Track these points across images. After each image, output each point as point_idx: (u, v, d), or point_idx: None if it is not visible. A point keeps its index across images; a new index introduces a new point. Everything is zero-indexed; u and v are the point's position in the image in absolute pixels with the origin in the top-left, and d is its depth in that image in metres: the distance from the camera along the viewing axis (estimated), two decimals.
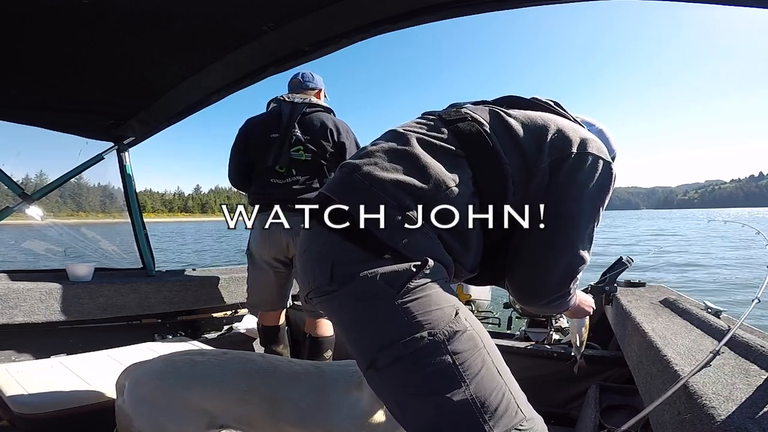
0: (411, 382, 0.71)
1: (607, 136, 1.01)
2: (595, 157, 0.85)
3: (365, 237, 0.73)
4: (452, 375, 0.69)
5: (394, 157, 0.81)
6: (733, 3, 0.92)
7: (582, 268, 0.87)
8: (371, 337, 0.74)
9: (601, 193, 0.86)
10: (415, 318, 0.70)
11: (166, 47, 1.58)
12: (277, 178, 1.94)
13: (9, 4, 1.20)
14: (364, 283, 0.72)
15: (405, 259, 0.72)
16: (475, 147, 0.82)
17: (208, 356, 1.04)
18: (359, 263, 0.72)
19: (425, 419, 0.71)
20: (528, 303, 0.93)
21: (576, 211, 0.83)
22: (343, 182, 0.81)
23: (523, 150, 0.83)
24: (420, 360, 0.69)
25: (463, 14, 1.28)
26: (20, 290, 1.97)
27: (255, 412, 0.99)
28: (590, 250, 0.88)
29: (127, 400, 0.98)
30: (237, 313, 2.72)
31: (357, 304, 0.73)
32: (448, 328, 0.71)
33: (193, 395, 0.97)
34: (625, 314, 1.43)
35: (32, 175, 2.61)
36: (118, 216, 2.64)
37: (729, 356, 0.89)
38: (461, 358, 0.70)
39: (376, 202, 0.74)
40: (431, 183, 0.77)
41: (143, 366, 1.03)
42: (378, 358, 0.72)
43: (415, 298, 0.71)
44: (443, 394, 0.69)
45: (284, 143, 1.92)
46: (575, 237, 0.84)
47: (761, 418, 0.60)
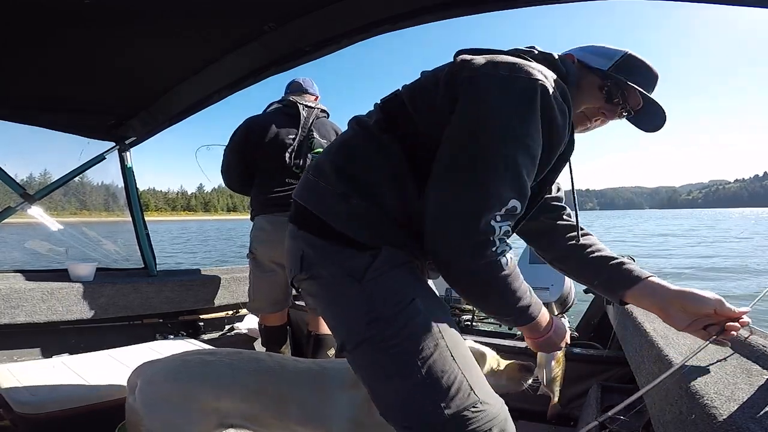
0: (372, 364, 0.78)
1: (600, 47, 0.95)
2: (501, 77, 0.74)
3: (322, 227, 0.80)
4: (405, 358, 0.74)
5: (338, 147, 0.89)
6: (733, 3, 0.92)
7: (492, 216, 0.71)
8: (338, 322, 0.82)
9: (511, 114, 0.73)
10: (372, 304, 0.76)
11: (167, 47, 1.58)
12: (293, 179, 1.94)
13: (10, 4, 1.21)
14: (327, 272, 0.80)
15: (362, 247, 0.78)
16: (394, 111, 0.85)
17: (219, 356, 1.05)
18: (322, 252, 0.80)
19: (386, 399, 0.77)
20: (441, 273, 0.79)
21: (470, 140, 0.73)
22: (301, 184, 0.90)
23: (424, 91, 0.83)
24: (377, 344, 0.75)
25: (464, 14, 1.28)
26: (22, 290, 1.98)
27: (263, 410, 1.00)
28: (517, 190, 0.73)
29: (139, 399, 0.99)
30: (238, 312, 2.73)
31: (324, 290, 0.82)
32: (403, 314, 0.75)
33: (204, 394, 0.98)
34: (626, 314, 1.43)
35: (36, 175, 2.62)
36: (121, 215, 2.65)
37: (730, 356, 0.89)
38: (414, 342, 0.74)
39: (326, 195, 0.82)
40: (358, 161, 0.83)
41: (155, 365, 1.04)
42: (346, 341, 0.80)
43: (373, 285, 0.76)
44: (397, 376, 0.74)
45: (303, 144, 1.93)
46: (471, 172, 0.72)
47: (763, 417, 0.60)
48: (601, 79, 0.92)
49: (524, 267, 2.02)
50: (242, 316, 2.72)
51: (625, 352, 1.38)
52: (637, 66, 0.93)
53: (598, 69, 0.92)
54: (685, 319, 0.88)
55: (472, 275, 0.75)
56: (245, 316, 2.71)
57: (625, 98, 0.92)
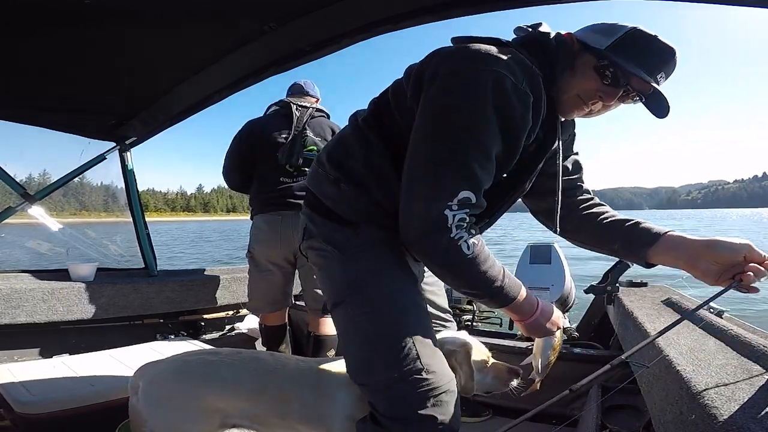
0: (343, 324, 0.93)
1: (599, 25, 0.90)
2: (454, 73, 0.78)
3: (319, 205, 0.95)
4: (366, 324, 0.88)
5: (335, 140, 1.00)
6: (733, 3, 0.92)
7: (445, 206, 0.76)
8: (325, 285, 0.96)
9: (458, 109, 0.77)
10: (349, 274, 0.89)
11: (168, 47, 1.59)
12: (287, 178, 1.96)
13: (10, 4, 1.21)
14: (319, 243, 0.94)
15: (347, 223, 0.91)
16: (381, 106, 0.93)
17: (221, 356, 1.05)
18: (317, 226, 0.94)
19: (349, 357, 0.93)
20: (408, 247, 0.87)
21: (423, 138, 0.80)
22: (309, 173, 1.04)
23: (400, 87, 0.89)
24: (347, 309, 0.89)
25: (464, 14, 1.27)
26: (22, 290, 1.98)
27: (266, 410, 1.00)
28: (467, 183, 0.77)
29: (142, 400, 0.99)
30: (238, 313, 2.73)
31: (319, 259, 0.96)
32: (371, 286, 0.88)
33: (207, 395, 0.98)
34: (627, 314, 1.43)
35: (35, 175, 2.62)
36: (121, 215, 2.65)
37: (731, 356, 0.89)
38: (375, 312, 0.87)
39: (324, 180, 0.95)
40: (346, 151, 0.93)
41: (157, 366, 1.04)
42: (328, 302, 0.95)
43: (352, 257, 0.89)
44: (358, 339, 0.89)
45: (296, 143, 1.95)
46: (424, 167, 0.79)
47: (763, 418, 0.60)
48: (597, 59, 0.87)
49: (524, 267, 2.02)
50: (243, 316, 2.72)
51: (626, 352, 1.38)
52: (642, 43, 0.85)
53: (595, 48, 0.87)
54: (716, 271, 0.84)
55: (432, 259, 0.83)
56: (246, 316, 2.71)
57: (625, 80, 0.86)
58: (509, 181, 0.92)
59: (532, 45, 0.90)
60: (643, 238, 0.96)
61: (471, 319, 2.35)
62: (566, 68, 0.89)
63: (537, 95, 0.81)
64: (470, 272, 0.81)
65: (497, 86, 0.75)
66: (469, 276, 0.82)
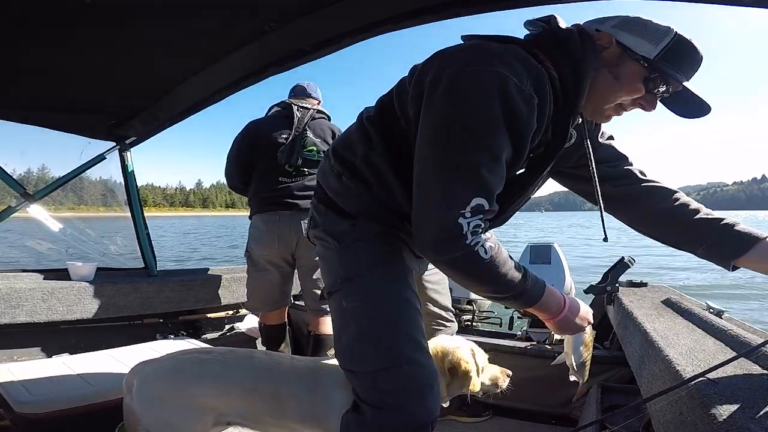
0: (337, 312, 0.96)
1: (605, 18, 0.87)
2: (456, 77, 0.75)
3: (323, 196, 0.99)
4: (355, 314, 0.92)
5: (341, 136, 1.03)
6: (733, 3, 0.92)
7: (458, 214, 0.74)
8: (324, 273, 1.00)
9: (462, 114, 0.75)
10: (345, 264, 0.93)
11: (168, 47, 1.58)
12: (286, 178, 1.98)
13: (11, 4, 1.21)
14: (321, 233, 0.98)
15: (346, 215, 0.94)
16: (385, 105, 0.94)
17: (214, 354, 1.05)
18: (321, 215, 0.99)
19: (338, 343, 0.95)
20: (424, 255, 0.84)
21: (430, 146, 0.78)
22: (319, 166, 1.08)
23: (403, 88, 0.89)
24: (341, 298, 0.93)
25: (465, 14, 1.27)
26: (22, 290, 1.98)
27: (260, 408, 1.00)
28: (479, 189, 0.75)
29: (135, 399, 0.99)
30: (238, 312, 2.73)
31: (320, 248, 1.00)
32: (363, 278, 0.92)
33: (200, 393, 0.98)
34: (626, 314, 1.43)
35: (34, 169, 2.61)
36: (120, 210, 2.65)
37: (731, 356, 0.89)
38: (365, 303, 0.91)
39: (329, 173, 0.99)
40: (348, 146, 0.96)
41: (151, 365, 1.04)
42: (325, 289, 1.00)
43: (349, 248, 0.93)
44: (347, 327, 0.93)
45: (296, 144, 1.97)
46: (434, 176, 0.77)
47: (763, 418, 0.60)
48: (646, 70, 0.82)
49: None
50: (242, 316, 2.72)
51: (626, 353, 1.38)
52: (685, 51, 0.82)
53: (644, 57, 0.81)
54: None
55: (452, 267, 0.80)
56: (245, 316, 2.71)
57: (670, 89, 0.84)
58: (517, 183, 0.89)
59: (547, 41, 0.86)
60: (738, 242, 0.92)
61: (471, 319, 2.35)
62: (596, 68, 0.83)
63: (542, 96, 0.78)
64: (491, 275, 0.79)
65: (501, 88, 0.73)
66: (491, 279, 0.80)
